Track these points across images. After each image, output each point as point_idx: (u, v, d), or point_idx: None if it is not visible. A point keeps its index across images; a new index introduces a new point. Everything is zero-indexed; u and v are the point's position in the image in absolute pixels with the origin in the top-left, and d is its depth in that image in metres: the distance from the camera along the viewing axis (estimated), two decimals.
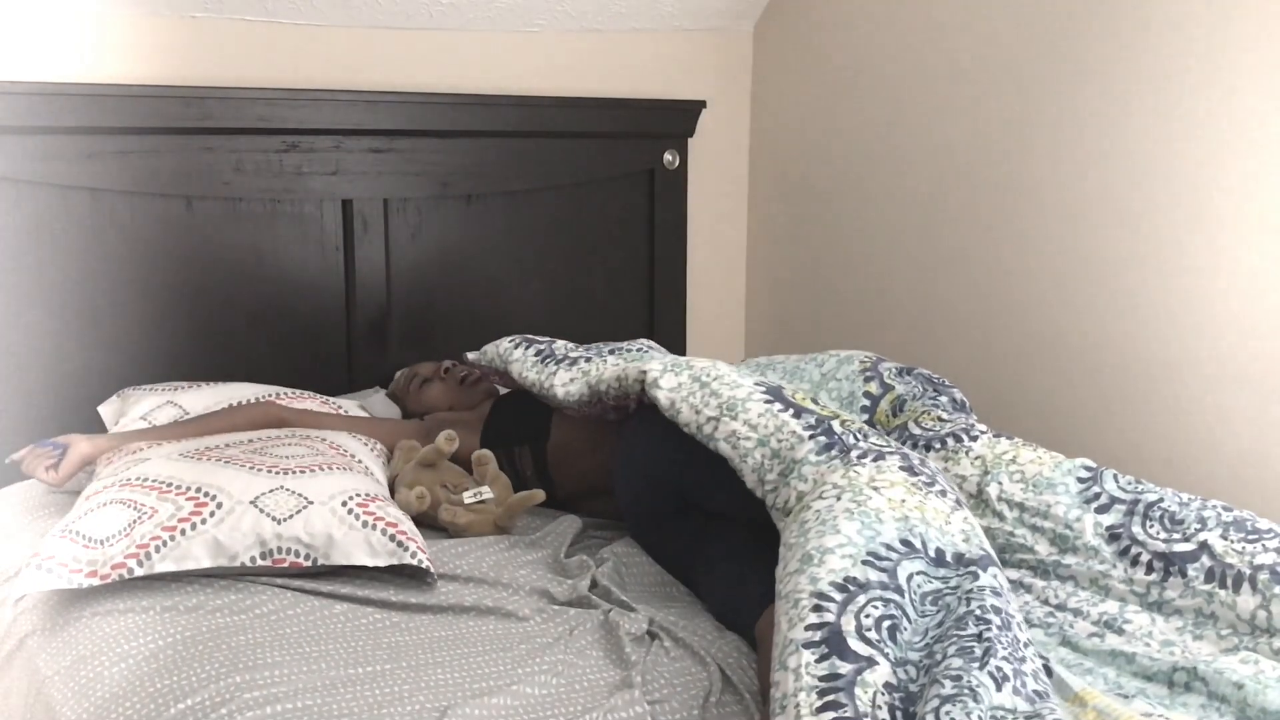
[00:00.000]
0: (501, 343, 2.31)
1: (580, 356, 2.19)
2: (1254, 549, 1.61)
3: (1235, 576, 1.59)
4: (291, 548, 1.71)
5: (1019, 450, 1.93)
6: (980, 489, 1.88)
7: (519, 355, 2.24)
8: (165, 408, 2.22)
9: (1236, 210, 2.26)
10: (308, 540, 1.71)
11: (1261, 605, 1.54)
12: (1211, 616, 1.58)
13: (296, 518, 1.72)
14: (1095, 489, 1.81)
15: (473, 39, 2.88)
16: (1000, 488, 1.86)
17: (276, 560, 1.71)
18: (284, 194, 2.62)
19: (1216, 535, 1.65)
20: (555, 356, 2.20)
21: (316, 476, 1.82)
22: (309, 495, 1.76)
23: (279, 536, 1.71)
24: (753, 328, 3.49)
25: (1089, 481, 1.83)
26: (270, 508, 1.72)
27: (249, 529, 1.70)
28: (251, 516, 1.71)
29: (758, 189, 3.41)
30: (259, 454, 1.88)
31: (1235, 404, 2.29)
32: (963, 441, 1.98)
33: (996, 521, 1.83)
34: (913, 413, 2.11)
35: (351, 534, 1.73)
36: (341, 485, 1.81)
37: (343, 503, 1.76)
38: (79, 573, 1.61)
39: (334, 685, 1.45)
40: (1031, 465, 1.88)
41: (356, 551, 1.73)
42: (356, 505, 1.77)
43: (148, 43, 2.47)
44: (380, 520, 1.76)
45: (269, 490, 1.76)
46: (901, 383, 2.18)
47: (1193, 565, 1.63)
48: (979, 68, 2.73)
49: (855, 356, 2.25)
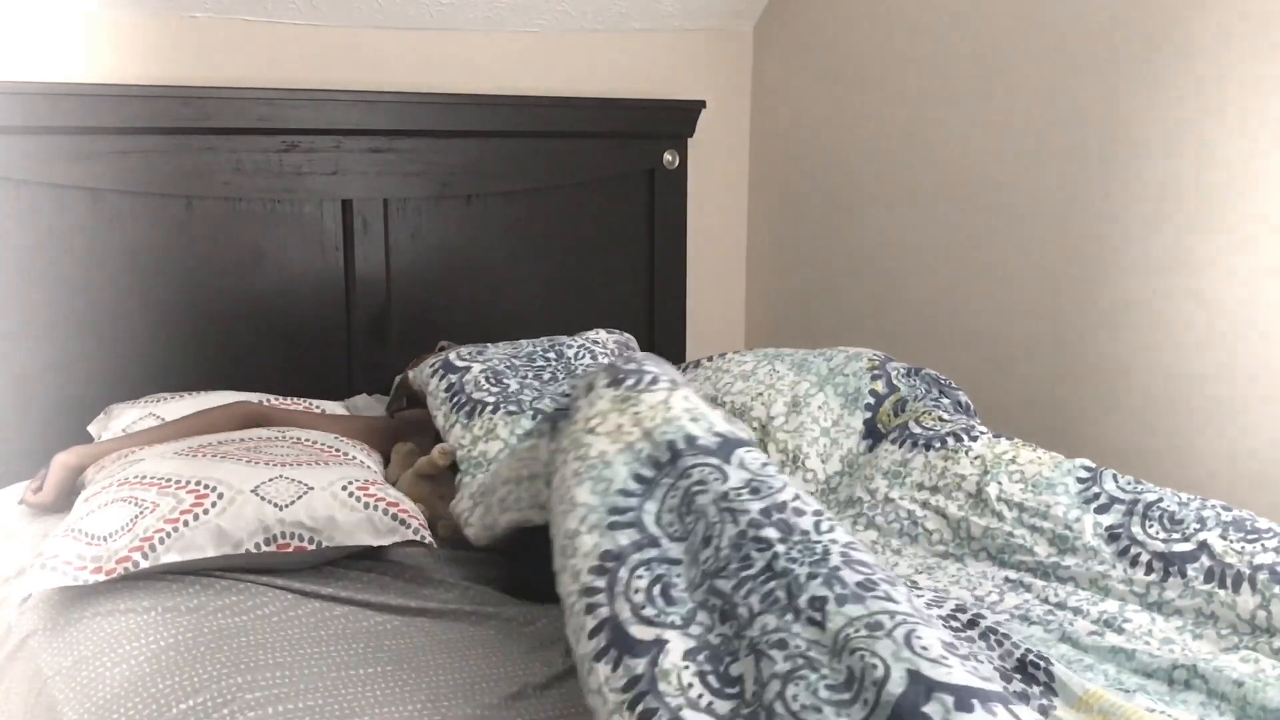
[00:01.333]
0: (424, 368, 2.17)
1: (484, 401, 2.00)
2: (1253, 549, 1.61)
3: (1235, 576, 1.59)
4: (295, 532, 1.72)
5: (1019, 450, 1.93)
6: (980, 488, 1.88)
7: (434, 387, 2.09)
8: (146, 420, 2.23)
9: (1239, 210, 2.26)
10: (311, 524, 1.72)
11: (1261, 605, 1.54)
12: (1211, 616, 1.58)
13: (298, 503, 1.74)
14: (1095, 489, 1.81)
15: (473, 39, 2.88)
16: (1000, 488, 1.86)
17: (281, 545, 1.72)
18: (284, 194, 2.62)
19: (1216, 535, 1.66)
20: (465, 395, 2.03)
21: (314, 468, 1.83)
22: (309, 482, 1.78)
23: (282, 522, 1.71)
24: (753, 328, 3.49)
25: (1088, 482, 1.83)
26: (271, 495, 1.73)
27: (252, 516, 1.71)
28: (253, 504, 1.72)
29: (758, 189, 3.41)
30: (254, 451, 1.89)
31: (1236, 404, 2.29)
32: (962, 441, 1.99)
33: (995, 522, 1.83)
34: (914, 413, 2.11)
35: (353, 515, 1.74)
36: (340, 473, 1.83)
37: (343, 487, 1.78)
38: (84, 569, 1.61)
39: (335, 686, 1.45)
40: (1031, 465, 1.88)
41: (359, 532, 1.74)
42: (356, 489, 1.78)
43: (148, 43, 2.47)
44: (381, 500, 1.77)
45: (269, 479, 1.77)
46: (907, 384, 2.19)
47: (1192, 565, 1.63)
48: (979, 67, 2.73)
49: (864, 354, 2.25)
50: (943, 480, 1.94)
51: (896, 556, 1.86)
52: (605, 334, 2.38)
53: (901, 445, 2.04)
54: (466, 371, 2.09)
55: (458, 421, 2.00)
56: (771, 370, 2.22)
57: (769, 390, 2.17)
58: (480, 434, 1.96)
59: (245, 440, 1.97)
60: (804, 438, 2.09)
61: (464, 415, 2.01)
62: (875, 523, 1.94)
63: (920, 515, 1.92)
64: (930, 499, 1.93)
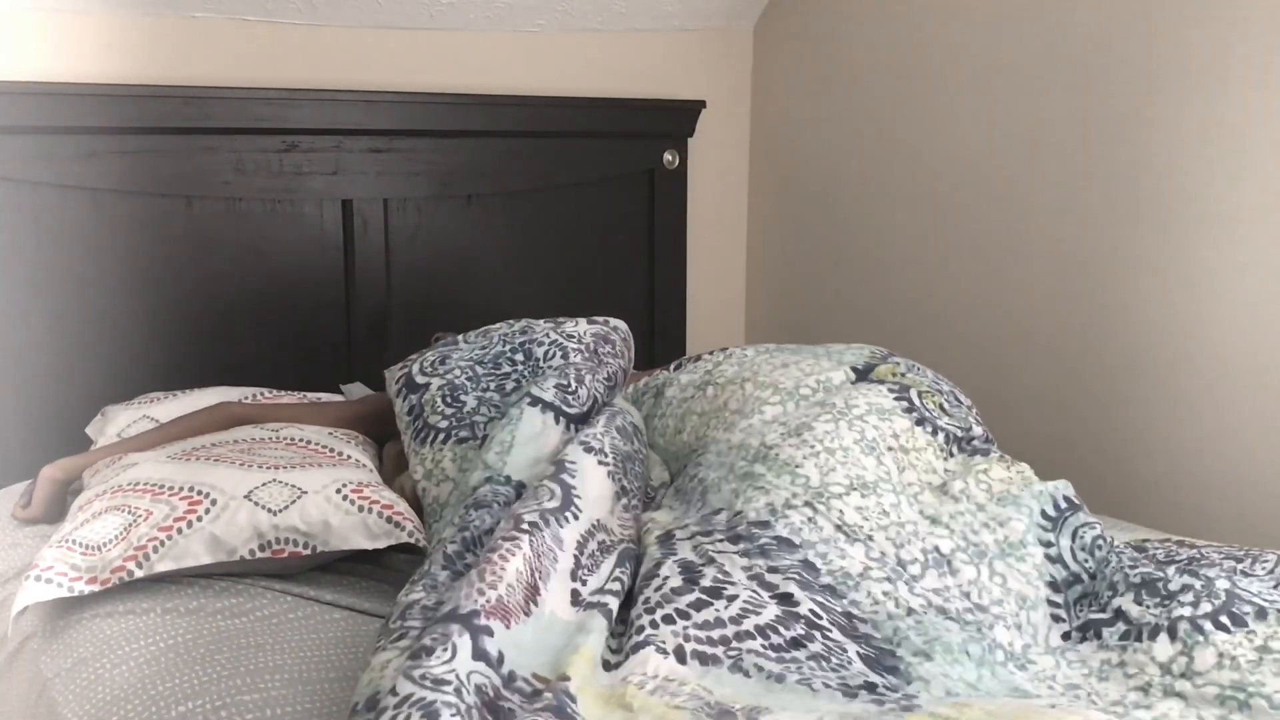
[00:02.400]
0: (390, 384, 2.08)
1: (437, 427, 1.91)
2: (1170, 605, 1.51)
3: (1152, 629, 1.48)
4: (289, 538, 1.71)
5: (992, 465, 1.82)
6: (945, 483, 1.79)
7: (399, 409, 2.00)
8: (140, 422, 2.23)
9: (1240, 211, 2.26)
10: (305, 529, 1.72)
11: (1183, 652, 1.44)
12: (1121, 664, 1.48)
13: (292, 508, 1.73)
14: (1051, 537, 1.69)
15: (473, 39, 2.88)
16: (965, 486, 1.76)
17: (276, 551, 1.71)
18: (284, 194, 2.62)
19: (1130, 600, 1.54)
20: (423, 420, 1.94)
21: (308, 470, 1.83)
22: (303, 486, 1.77)
23: (276, 528, 1.71)
24: (753, 327, 3.49)
25: (1051, 523, 1.71)
26: (265, 500, 1.73)
27: (245, 522, 1.70)
28: (247, 510, 1.71)
29: (758, 189, 3.41)
30: (248, 454, 1.89)
31: (1237, 404, 2.30)
32: (949, 443, 1.88)
33: (952, 504, 1.72)
34: (915, 383, 1.99)
35: (348, 519, 1.74)
36: (334, 476, 1.82)
37: (337, 490, 1.77)
38: (79, 580, 1.61)
39: (333, 689, 1.45)
40: (1000, 484, 1.77)
41: (354, 535, 1.74)
42: (350, 491, 1.78)
43: (148, 43, 2.47)
44: (375, 504, 1.77)
45: (262, 484, 1.76)
46: (907, 365, 2.08)
47: (1108, 629, 1.53)
48: (978, 67, 2.73)
49: (866, 347, 2.14)
50: (917, 454, 1.83)
51: (845, 455, 1.73)
52: (585, 325, 2.21)
53: (898, 400, 1.90)
54: (425, 390, 1.99)
55: (415, 452, 1.93)
56: (769, 356, 2.15)
57: (764, 363, 2.07)
58: (432, 468, 1.88)
59: (239, 442, 1.96)
60: (788, 375, 1.98)
61: (419, 443, 1.93)
62: (838, 422, 1.80)
63: (882, 449, 1.78)
64: (896, 451, 1.81)
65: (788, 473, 1.69)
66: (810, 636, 1.38)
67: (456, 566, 1.52)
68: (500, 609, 1.31)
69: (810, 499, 1.64)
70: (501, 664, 1.26)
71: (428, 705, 1.13)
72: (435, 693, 1.15)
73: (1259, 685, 1.36)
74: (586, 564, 1.52)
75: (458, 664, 1.20)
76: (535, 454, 1.80)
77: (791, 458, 1.71)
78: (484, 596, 1.31)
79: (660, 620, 1.37)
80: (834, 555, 1.56)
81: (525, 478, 1.75)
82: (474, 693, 1.19)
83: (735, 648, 1.34)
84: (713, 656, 1.32)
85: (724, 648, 1.34)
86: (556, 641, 1.36)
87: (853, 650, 1.38)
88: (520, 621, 1.33)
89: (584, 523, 1.58)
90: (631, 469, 1.83)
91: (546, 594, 1.41)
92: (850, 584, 1.52)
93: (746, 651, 1.33)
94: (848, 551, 1.57)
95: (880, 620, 1.46)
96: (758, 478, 1.70)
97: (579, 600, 1.45)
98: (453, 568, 1.51)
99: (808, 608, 1.43)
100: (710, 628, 1.36)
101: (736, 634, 1.36)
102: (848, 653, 1.38)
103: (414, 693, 1.15)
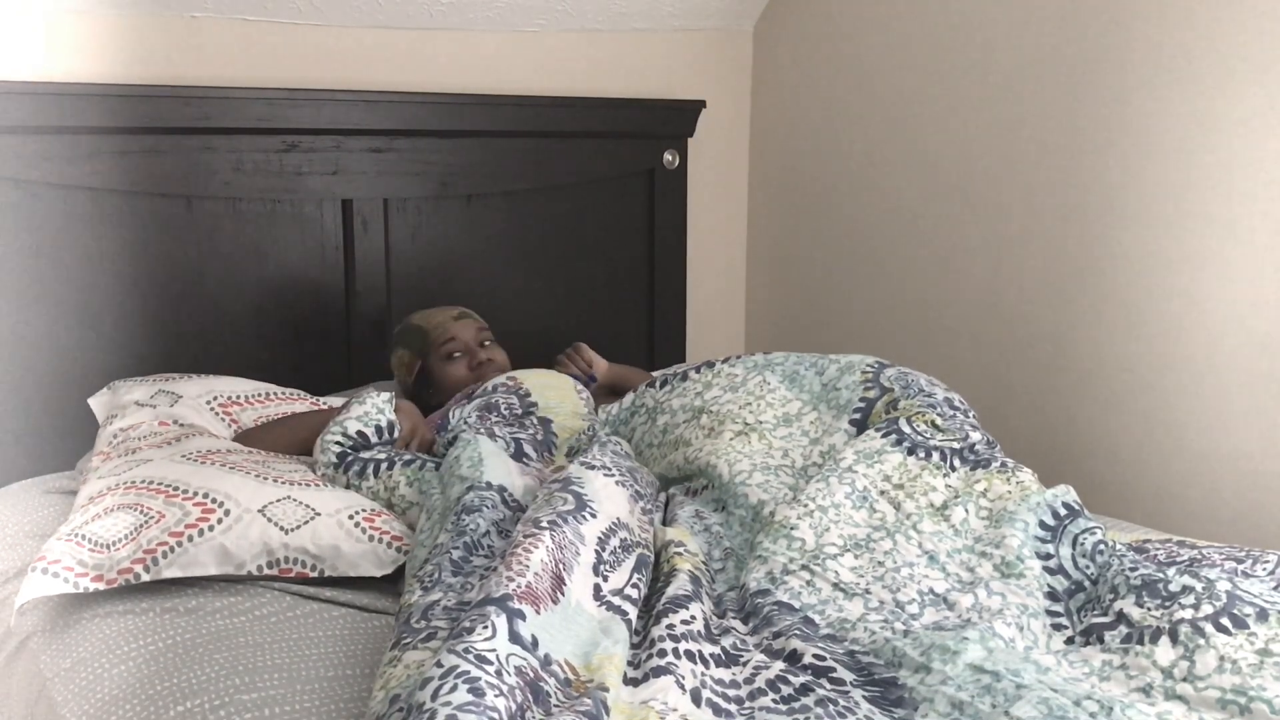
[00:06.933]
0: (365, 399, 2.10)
1: (385, 457, 1.95)
2: (1171, 607, 1.51)
3: (1153, 632, 1.49)
4: (298, 558, 1.71)
5: (991, 480, 1.82)
6: (945, 505, 1.80)
7: (341, 479, 1.98)
8: (159, 395, 2.19)
9: (1240, 211, 2.26)
10: (315, 551, 1.72)
11: (1184, 656, 1.44)
12: (1123, 667, 1.48)
13: (304, 528, 1.73)
14: (1051, 548, 1.70)
15: (473, 39, 2.88)
16: (965, 514, 1.77)
17: (283, 570, 1.71)
18: (284, 194, 2.62)
19: (1131, 602, 1.55)
20: (358, 457, 1.97)
21: (323, 491, 1.83)
22: (316, 507, 1.77)
23: (286, 546, 1.71)
24: (753, 328, 3.49)
25: (1051, 533, 1.71)
26: (278, 517, 1.72)
27: (257, 537, 1.70)
28: (260, 525, 1.71)
29: (757, 189, 3.41)
30: (264, 465, 1.88)
31: (1237, 404, 2.30)
32: (944, 463, 1.89)
33: (951, 539, 1.74)
34: (905, 411, 2.01)
35: (358, 546, 1.74)
36: (348, 501, 1.82)
37: (349, 516, 1.77)
38: (85, 577, 1.60)
39: (332, 688, 1.45)
40: (999, 501, 1.78)
41: (363, 563, 1.74)
42: (363, 519, 1.78)
43: (148, 43, 2.47)
44: (386, 534, 1.77)
45: (277, 500, 1.76)
46: (900, 385, 2.09)
47: (1110, 632, 1.53)
48: (979, 68, 2.73)
49: (857, 366, 2.13)
50: (912, 484, 1.85)
51: (836, 513, 1.76)
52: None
53: (886, 437, 1.92)
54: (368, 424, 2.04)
55: (359, 486, 1.95)
56: (762, 381, 2.15)
57: (758, 401, 2.11)
58: (389, 497, 1.91)
59: (253, 453, 1.96)
60: (791, 442, 2.03)
61: (360, 478, 1.95)
62: (828, 479, 1.83)
63: (874, 496, 1.81)
64: (890, 491, 1.83)
65: (784, 536, 1.72)
66: (818, 683, 1.40)
67: (464, 569, 1.54)
68: (530, 594, 1.34)
69: (807, 562, 1.68)
70: (536, 647, 1.29)
71: (473, 680, 1.15)
72: (479, 669, 1.17)
73: (1260, 690, 1.36)
74: (609, 559, 1.54)
75: (498, 644, 1.23)
76: (505, 466, 1.84)
77: (786, 518, 1.75)
78: (513, 583, 1.34)
79: (683, 654, 1.38)
80: (832, 611, 1.60)
81: (507, 484, 1.78)
82: (514, 674, 1.22)
83: (748, 706, 1.36)
84: (726, 711, 1.33)
85: (738, 706, 1.36)
86: (582, 633, 1.38)
87: (858, 694, 1.39)
88: (549, 609, 1.35)
89: (603, 520, 1.60)
90: (640, 476, 1.88)
91: (571, 584, 1.43)
92: (848, 627, 1.55)
93: (759, 709, 1.35)
94: (845, 606, 1.61)
95: (879, 647, 1.48)
96: (756, 547, 1.74)
97: (600, 595, 1.47)
98: (461, 571, 1.54)
99: (812, 653, 1.45)
100: (726, 686, 1.38)
101: (749, 693, 1.39)
102: (852, 696, 1.38)
103: (459, 665, 1.17)
